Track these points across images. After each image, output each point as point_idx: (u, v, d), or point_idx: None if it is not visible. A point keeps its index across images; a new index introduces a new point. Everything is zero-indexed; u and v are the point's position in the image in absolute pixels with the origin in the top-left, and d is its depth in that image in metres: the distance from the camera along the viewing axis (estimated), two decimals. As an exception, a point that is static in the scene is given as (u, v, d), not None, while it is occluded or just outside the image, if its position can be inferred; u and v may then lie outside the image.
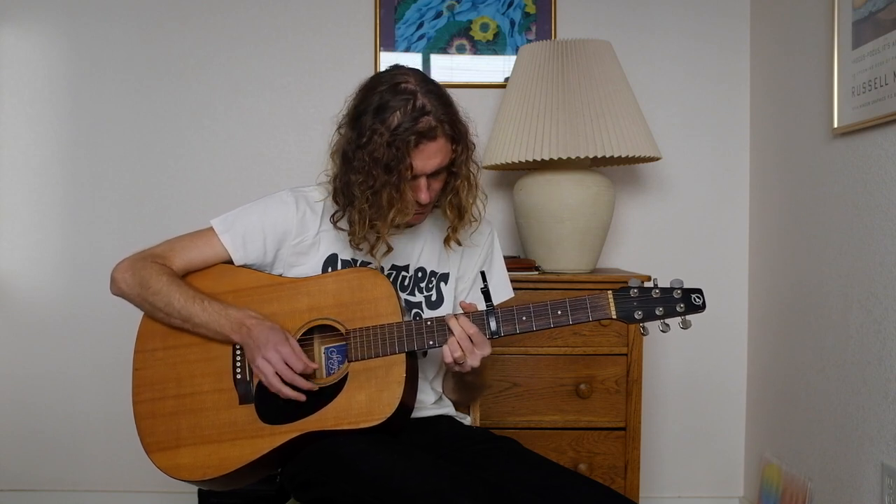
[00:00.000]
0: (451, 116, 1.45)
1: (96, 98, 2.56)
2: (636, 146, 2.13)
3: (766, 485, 2.36)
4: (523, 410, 2.13)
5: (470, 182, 1.52)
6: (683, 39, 2.57)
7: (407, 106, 1.40)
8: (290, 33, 2.56)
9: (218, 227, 1.55)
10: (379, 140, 1.40)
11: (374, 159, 1.41)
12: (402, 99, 1.41)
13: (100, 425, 2.57)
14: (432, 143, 1.42)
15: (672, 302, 1.39)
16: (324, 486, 1.36)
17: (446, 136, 1.44)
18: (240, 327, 1.45)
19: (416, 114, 1.40)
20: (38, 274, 2.58)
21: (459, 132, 1.47)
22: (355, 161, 1.43)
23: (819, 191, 2.10)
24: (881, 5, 1.76)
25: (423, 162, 1.43)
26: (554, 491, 1.35)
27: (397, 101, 1.41)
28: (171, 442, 1.48)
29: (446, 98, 1.47)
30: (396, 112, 1.40)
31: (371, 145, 1.41)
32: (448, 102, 1.46)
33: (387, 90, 1.43)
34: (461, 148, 1.48)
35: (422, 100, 1.41)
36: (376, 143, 1.40)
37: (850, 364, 1.93)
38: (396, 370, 1.43)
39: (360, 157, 1.42)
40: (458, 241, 1.57)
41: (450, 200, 1.52)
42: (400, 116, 1.40)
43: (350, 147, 1.45)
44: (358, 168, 1.43)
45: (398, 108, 1.40)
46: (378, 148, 1.40)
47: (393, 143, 1.39)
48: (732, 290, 2.58)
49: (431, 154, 1.43)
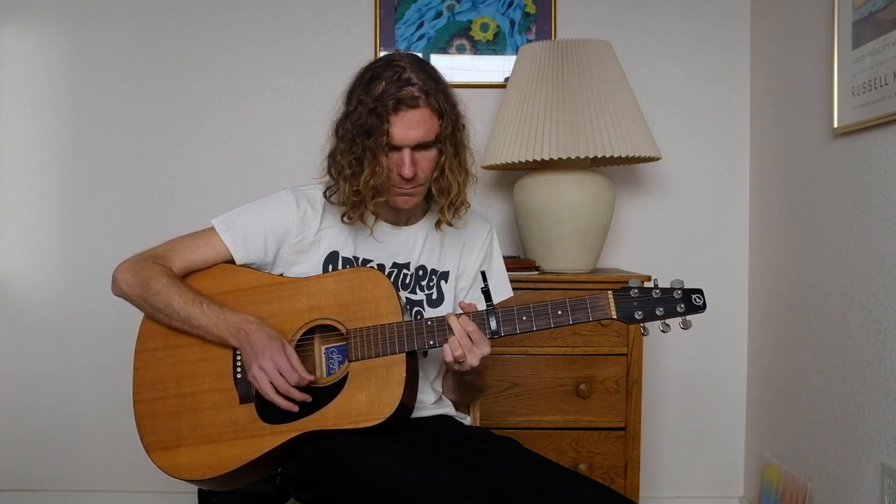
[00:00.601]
0: (438, 89, 1.46)
1: (96, 98, 2.56)
2: (636, 146, 2.13)
3: (766, 485, 2.36)
4: (523, 410, 2.13)
5: (459, 160, 1.51)
6: (683, 39, 2.57)
7: (394, 76, 1.44)
8: (290, 33, 2.56)
9: (219, 226, 1.55)
10: (362, 109, 1.44)
11: (356, 126, 1.44)
12: (392, 71, 1.44)
13: (100, 425, 2.57)
14: (413, 111, 1.43)
15: (672, 302, 1.39)
16: (324, 485, 1.36)
17: (430, 107, 1.44)
18: (238, 332, 1.45)
19: (401, 83, 1.43)
20: (38, 274, 2.58)
21: (444, 106, 1.46)
22: (341, 131, 1.48)
23: (819, 191, 2.10)
24: (881, 5, 1.76)
25: (403, 131, 1.43)
26: (554, 491, 1.35)
27: (386, 73, 1.44)
28: (171, 441, 1.48)
29: (437, 76, 1.48)
30: (383, 82, 1.43)
31: (355, 114, 1.45)
32: (437, 79, 1.47)
33: (380, 66, 1.47)
34: (446, 123, 1.47)
35: (409, 73, 1.44)
36: (360, 111, 1.44)
37: (850, 364, 1.93)
38: (396, 370, 1.43)
39: (346, 127, 1.47)
40: (449, 223, 1.56)
41: (436, 177, 1.51)
42: (384, 86, 1.43)
43: (340, 120, 1.50)
44: (343, 136, 1.47)
45: (385, 78, 1.44)
46: (361, 115, 1.44)
47: (375, 110, 1.42)
48: (732, 290, 2.58)
49: (412, 123, 1.43)
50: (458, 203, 1.54)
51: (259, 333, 1.43)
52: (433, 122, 1.45)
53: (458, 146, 1.51)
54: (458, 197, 1.53)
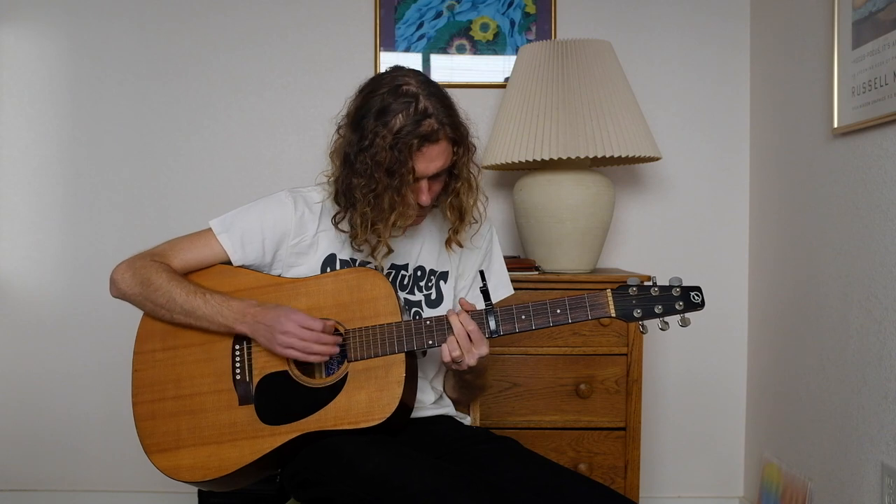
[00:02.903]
0: (453, 119, 1.45)
1: (96, 98, 2.56)
2: (636, 146, 2.13)
3: (766, 485, 2.36)
4: (523, 410, 2.13)
5: (471, 184, 1.52)
6: (683, 39, 2.57)
7: (409, 109, 1.40)
8: (290, 33, 2.56)
9: (216, 227, 1.55)
10: (381, 143, 1.40)
11: (376, 162, 1.41)
12: (404, 102, 1.41)
13: (100, 425, 2.57)
14: (434, 146, 1.42)
15: (671, 300, 1.39)
16: (323, 485, 1.37)
17: (448, 138, 1.44)
18: (244, 316, 1.45)
19: (418, 117, 1.40)
20: (38, 274, 2.58)
21: (461, 135, 1.47)
22: (357, 164, 1.43)
23: (819, 191, 2.10)
24: (881, 5, 1.76)
25: (426, 165, 1.43)
26: (554, 491, 1.35)
27: (399, 105, 1.41)
28: (171, 443, 1.48)
29: (448, 101, 1.47)
30: (399, 115, 1.40)
31: (373, 148, 1.41)
32: (449, 105, 1.46)
33: (388, 92, 1.42)
34: (462, 150, 1.48)
35: (424, 102, 1.41)
36: (378, 146, 1.40)
37: (850, 364, 1.93)
38: (396, 370, 1.43)
39: (363, 160, 1.42)
40: (460, 244, 1.57)
41: (450, 202, 1.52)
42: (402, 119, 1.40)
43: (352, 150, 1.45)
44: (360, 171, 1.43)
45: (400, 111, 1.40)
46: (380, 151, 1.40)
47: (395, 145, 1.40)
48: (732, 290, 2.58)
49: (433, 157, 1.43)
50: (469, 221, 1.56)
51: (264, 310, 1.44)
52: (449, 151, 1.46)
53: (472, 170, 1.52)
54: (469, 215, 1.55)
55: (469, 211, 1.54)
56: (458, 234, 1.56)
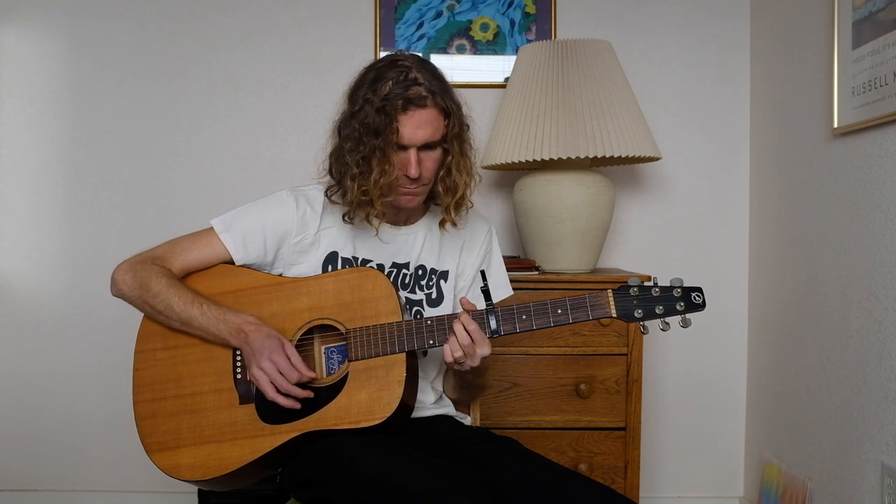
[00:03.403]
0: (443, 89, 1.47)
1: (96, 98, 2.56)
2: (636, 146, 2.13)
3: (766, 485, 2.36)
4: (523, 410, 2.13)
5: (464, 160, 1.52)
6: (684, 39, 2.57)
7: (400, 76, 1.44)
8: (290, 33, 2.56)
9: (218, 227, 1.55)
10: (369, 108, 1.43)
11: (364, 125, 1.44)
12: (397, 71, 1.44)
13: (100, 425, 2.57)
14: (421, 110, 1.43)
15: (672, 300, 1.39)
16: (323, 485, 1.36)
17: (437, 107, 1.45)
18: (237, 332, 1.45)
19: (407, 83, 1.43)
20: (38, 274, 2.58)
21: (450, 105, 1.47)
22: (347, 129, 1.47)
23: (819, 191, 2.10)
24: (881, 5, 1.76)
25: (412, 130, 1.44)
26: (554, 491, 1.35)
27: (391, 73, 1.44)
28: (171, 442, 1.48)
29: (441, 76, 1.49)
30: (389, 81, 1.44)
31: (362, 113, 1.44)
32: (442, 79, 1.48)
33: (384, 66, 1.47)
34: (453, 123, 1.48)
35: (415, 73, 1.45)
36: (367, 111, 1.44)
37: (850, 364, 1.93)
38: (396, 370, 1.43)
39: (352, 126, 1.46)
40: (454, 223, 1.56)
41: (442, 177, 1.51)
42: (391, 85, 1.43)
43: (344, 119, 1.49)
44: (349, 135, 1.47)
45: (391, 78, 1.44)
46: (368, 114, 1.43)
47: (382, 108, 1.42)
48: (732, 290, 2.58)
49: (420, 123, 1.44)
50: (463, 202, 1.55)
51: (258, 333, 1.43)
52: (439, 122, 1.46)
53: (464, 146, 1.52)
54: (464, 197, 1.54)
55: (461, 188, 1.52)
56: (451, 214, 1.54)
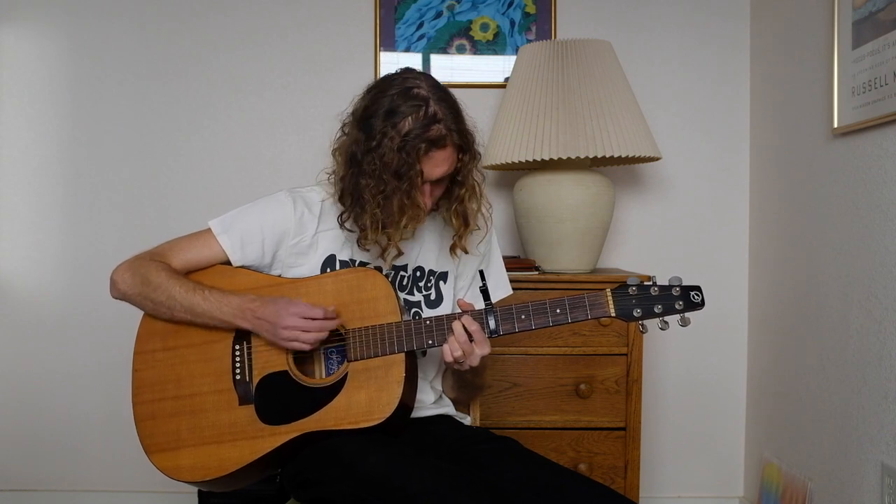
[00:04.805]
0: (461, 126, 1.46)
1: (96, 98, 2.56)
2: (636, 146, 2.13)
3: (766, 485, 2.36)
4: (523, 410, 2.13)
5: (475, 190, 1.53)
6: (684, 39, 2.57)
7: (419, 112, 1.41)
8: (290, 33, 2.56)
9: (216, 228, 1.55)
10: (389, 144, 1.40)
11: (384, 164, 1.41)
12: (414, 105, 1.41)
13: (100, 425, 2.57)
14: (441, 151, 1.43)
15: (671, 299, 1.39)
16: (323, 485, 1.37)
17: (454, 145, 1.45)
18: (243, 311, 1.45)
19: (427, 121, 1.40)
20: (38, 274, 2.58)
21: (467, 142, 1.47)
22: (365, 164, 1.43)
23: (819, 191, 2.10)
24: (881, 5, 1.76)
25: (431, 169, 1.44)
26: (554, 491, 1.35)
27: (408, 107, 1.41)
28: (171, 443, 1.48)
29: (457, 107, 1.47)
30: (408, 118, 1.40)
31: (381, 149, 1.41)
32: (458, 111, 1.47)
33: (398, 94, 1.42)
34: (468, 157, 1.49)
35: (434, 107, 1.42)
36: (386, 146, 1.40)
37: (850, 364, 1.93)
38: (396, 370, 1.43)
39: (370, 161, 1.42)
40: (465, 249, 1.57)
41: (455, 209, 1.53)
42: (411, 122, 1.40)
43: (359, 149, 1.45)
44: (368, 172, 1.43)
45: (409, 113, 1.41)
46: (388, 152, 1.40)
47: (403, 148, 1.40)
48: (732, 290, 2.58)
49: (439, 162, 1.44)
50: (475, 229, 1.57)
51: (263, 304, 1.44)
52: (454, 157, 1.46)
53: (475, 177, 1.53)
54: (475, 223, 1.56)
55: (473, 216, 1.54)
56: (463, 240, 1.56)
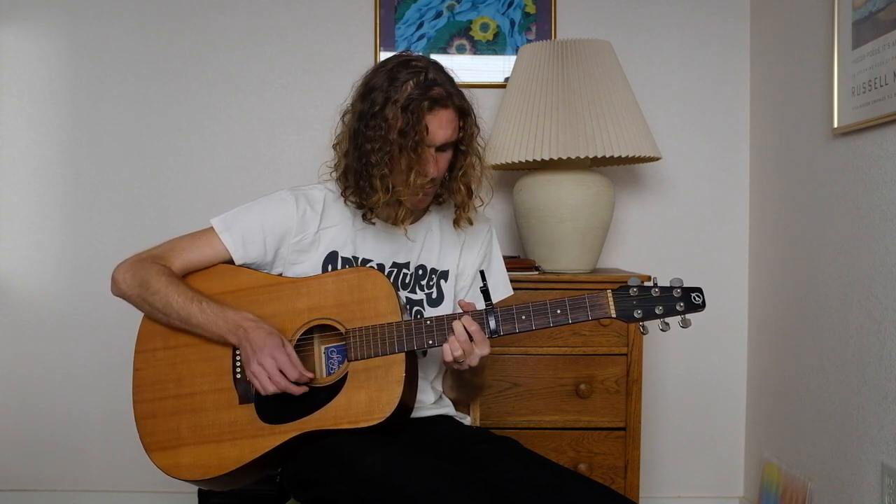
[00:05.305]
0: (460, 91, 1.50)
1: (96, 98, 2.56)
2: (636, 146, 2.13)
3: (766, 485, 2.36)
4: (523, 410, 2.13)
5: (479, 159, 1.55)
6: (684, 39, 2.57)
7: (419, 77, 1.45)
8: (290, 33, 2.56)
9: (218, 226, 1.55)
10: (393, 107, 1.43)
11: (388, 125, 1.43)
12: (413, 72, 1.45)
13: (100, 425, 2.57)
14: (445, 110, 1.45)
15: (672, 301, 1.39)
16: (323, 485, 1.37)
17: (455, 107, 1.48)
18: (237, 329, 1.45)
19: (428, 83, 1.45)
20: (38, 274, 2.58)
21: (467, 107, 1.50)
22: (369, 130, 1.45)
23: (819, 191, 2.10)
24: (881, 5, 1.76)
25: (436, 129, 1.45)
26: (554, 491, 1.35)
27: (408, 74, 1.45)
28: (171, 441, 1.48)
29: (453, 80, 1.51)
30: (409, 82, 1.45)
31: (385, 111, 1.44)
32: (453, 80, 1.51)
33: (397, 65, 1.47)
34: (469, 124, 1.51)
35: (432, 73, 1.47)
36: (390, 108, 1.43)
37: (850, 364, 1.93)
38: (396, 370, 1.43)
39: (375, 126, 1.44)
40: (470, 220, 1.58)
41: (460, 178, 1.54)
42: (412, 85, 1.44)
43: (362, 119, 1.47)
44: (372, 135, 1.45)
45: (409, 78, 1.45)
46: (392, 113, 1.43)
47: (408, 107, 1.43)
48: (732, 290, 2.58)
49: (443, 122, 1.46)
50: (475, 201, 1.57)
51: (258, 331, 1.43)
52: (456, 122, 1.49)
53: (478, 146, 1.55)
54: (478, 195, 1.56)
55: (478, 187, 1.56)
56: (468, 211, 1.57)
